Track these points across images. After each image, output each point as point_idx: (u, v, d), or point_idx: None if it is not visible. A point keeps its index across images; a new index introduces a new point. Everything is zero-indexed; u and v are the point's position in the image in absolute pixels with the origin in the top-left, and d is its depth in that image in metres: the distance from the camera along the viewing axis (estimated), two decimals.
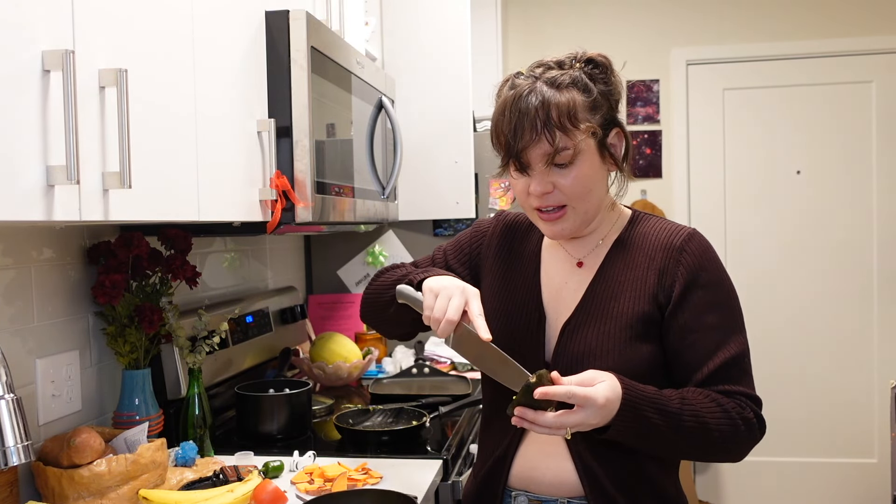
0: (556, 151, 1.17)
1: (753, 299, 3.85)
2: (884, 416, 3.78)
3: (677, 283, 1.23)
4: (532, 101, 1.18)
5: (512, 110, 1.19)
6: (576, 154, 1.19)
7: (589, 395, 1.09)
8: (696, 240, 1.27)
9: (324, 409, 2.10)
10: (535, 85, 1.20)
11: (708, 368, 1.20)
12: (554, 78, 1.20)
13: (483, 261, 1.43)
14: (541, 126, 1.17)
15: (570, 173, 1.20)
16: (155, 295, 1.67)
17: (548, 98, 1.18)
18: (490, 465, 1.34)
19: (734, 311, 1.25)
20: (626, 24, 3.96)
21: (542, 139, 1.17)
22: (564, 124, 1.17)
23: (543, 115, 1.17)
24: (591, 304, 1.27)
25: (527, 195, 1.24)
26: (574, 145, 1.18)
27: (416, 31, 2.80)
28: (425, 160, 2.79)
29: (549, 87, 1.19)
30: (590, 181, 1.22)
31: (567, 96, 1.18)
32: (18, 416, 1.04)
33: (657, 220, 1.32)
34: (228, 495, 1.39)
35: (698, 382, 1.21)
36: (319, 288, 2.96)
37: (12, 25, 0.92)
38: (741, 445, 1.21)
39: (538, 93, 1.18)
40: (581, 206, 1.23)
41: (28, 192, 0.94)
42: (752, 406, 1.22)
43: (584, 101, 1.20)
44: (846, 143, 3.85)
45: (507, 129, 1.20)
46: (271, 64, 1.66)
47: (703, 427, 1.16)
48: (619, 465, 1.24)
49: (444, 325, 1.19)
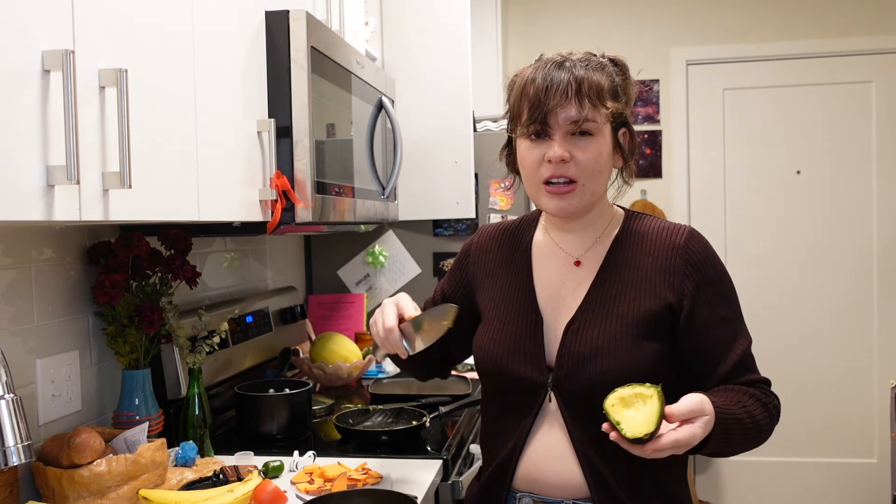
0: (583, 119, 1.21)
1: (753, 299, 3.85)
2: (884, 416, 3.78)
3: (688, 281, 1.26)
4: (565, 74, 1.23)
5: (545, 77, 1.23)
6: (597, 128, 1.23)
7: (694, 436, 1.10)
8: (697, 237, 1.30)
9: (324, 409, 2.10)
10: (565, 62, 1.24)
11: (731, 360, 1.26)
12: (585, 60, 1.25)
13: (473, 278, 1.44)
14: (572, 93, 1.21)
15: (588, 146, 1.23)
16: (155, 295, 1.67)
17: (580, 73, 1.23)
18: (494, 467, 1.33)
19: (738, 303, 1.31)
20: (625, 23, 3.96)
21: (572, 104, 1.21)
22: (593, 99, 1.22)
23: (576, 85, 1.21)
24: (595, 303, 1.27)
25: (539, 165, 1.25)
26: (598, 121, 1.23)
27: (416, 31, 2.80)
28: (425, 160, 2.79)
29: (580, 64, 1.24)
30: (602, 162, 1.25)
31: (598, 76, 1.24)
32: (18, 416, 1.04)
33: (652, 219, 1.35)
34: (228, 495, 1.39)
35: (723, 375, 1.25)
36: (319, 288, 2.96)
37: (12, 25, 0.92)
38: (772, 431, 1.30)
39: (571, 67, 1.24)
40: (589, 186, 1.25)
41: (28, 192, 0.94)
42: (773, 392, 1.31)
43: (610, 85, 1.25)
44: (846, 143, 3.85)
45: (537, 91, 1.23)
46: (271, 64, 1.66)
47: (755, 426, 1.23)
48: (626, 466, 1.24)
49: (385, 333, 1.27)
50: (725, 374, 1.25)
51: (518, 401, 1.30)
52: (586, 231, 1.33)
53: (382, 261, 2.91)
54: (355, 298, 2.87)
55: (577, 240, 1.34)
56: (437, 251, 2.91)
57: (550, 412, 1.28)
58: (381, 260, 2.90)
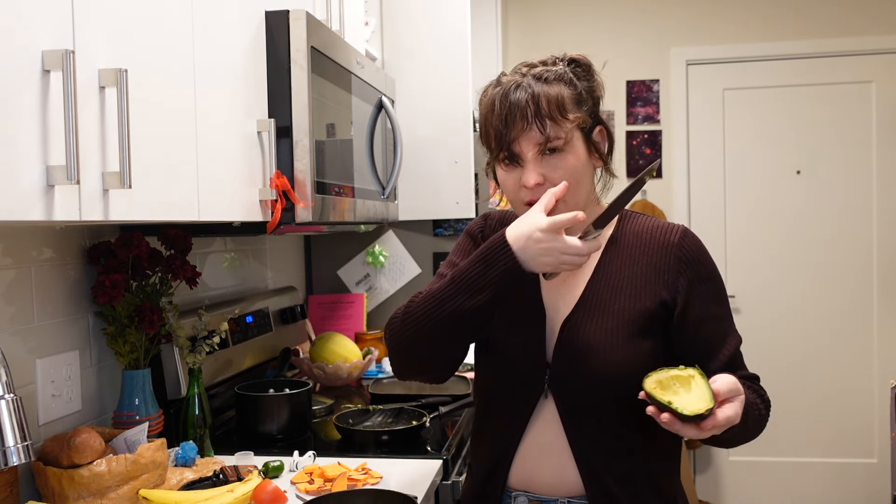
0: (547, 140, 1.20)
1: (753, 299, 3.86)
2: (884, 416, 3.78)
3: (682, 279, 1.27)
4: (522, 94, 1.21)
5: (502, 104, 1.22)
6: (566, 144, 1.22)
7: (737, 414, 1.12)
8: (690, 236, 1.31)
9: (324, 409, 2.10)
10: (522, 80, 1.23)
11: (724, 356, 1.28)
12: (540, 73, 1.24)
13: None
14: (531, 115, 1.20)
15: (559, 164, 1.23)
16: (155, 295, 1.67)
17: (537, 91, 1.21)
18: (489, 466, 1.33)
19: (728, 302, 1.33)
20: (625, 23, 3.96)
21: (534, 128, 1.20)
22: (554, 114, 1.21)
23: (534, 106, 1.20)
24: (591, 300, 1.28)
25: (518, 189, 1.26)
26: (564, 135, 1.22)
27: (416, 31, 2.80)
28: (425, 160, 2.79)
29: (536, 81, 1.23)
30: (578, 173, 1.25)
31: (555, 89, 1.22)
32: (18, 416, 1.04)
33: (646, 218, 1.36)
34: (228, 495, 1.39)
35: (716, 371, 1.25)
36: (319, 288, 2.96)
37: (12, 25, 0.92)
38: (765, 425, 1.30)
39: (526, 86, 1.22)
40: (571, 199, 1.25)
41: (28, 192, 0.94)
42: (763, 388, 1.32)
43: (571, 94, 1.24)
44: (846, 143, 3.85)
45: (497, 121, 1.23)
46: (271, 64, 1.66)
47: (760, 415, 1.26)
48: (621, 463, 1.25)
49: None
50: (718, 369, 1.25)
51: (514, 396, 1.30)
52: None
53: (382, 261, 2.91)
54: (355, 298, 2.87)
55: None
56: (437, 251, 2.91)
57: (546, 409, 1.28)
58: (381, 260, 2.91)
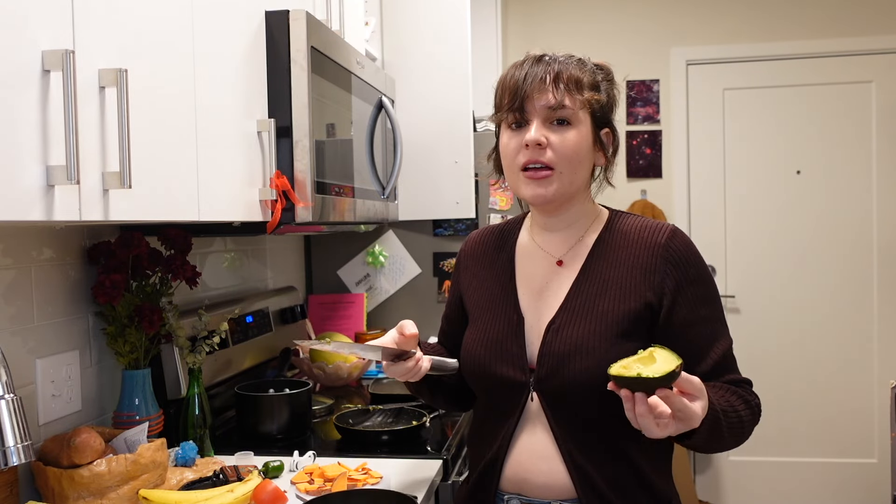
0: (558, 105, 1.24)
1: (753, 299, 3.86)
2: (884, 416, 3.78)
3: (668, 280, 1.26)
4: (544, 64, 1.28)
5: (525, 64, 1.29)
6: (573, 118, 1.26)
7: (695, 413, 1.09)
8: (679, 237, 1.29)
9: (324, 409, 2.10)
10: (546, 56, 1.30)
11: (711, 359, 1.26)
12: (567, 57, 1.31)
13: (464, 288, 1.46)
14: (550, 80, 1.25)
15: (565, 134, 1.26)
16: (155, 295, 1.67)
17: (559, 65, 1.28)
18: (481, 469, 1.33)
19: (719, 302, 1.32)
20: (626, 23, 3.96)
21: (549, 92, 1.25)
22: (570, 87, 1.26)
23: (554, 74, 1.26)
24: (576, 302, 1.28)
25: (517, 152, 1.28)
26: (574, 108, 1.25)
27: (416, 31, 2.80)
28: (425, 160, 2.79)
29: (561, 60, 1.29)
30: (580, 150, 1.27)
31: (577, 71, 1.28)
32: (18, 416, 1.04)
33: (636, 218, 1.35)
34: (228, 495, 1.39)
35: (703, 374, 1.24)
36: (319, 288, 2.96)
37: (12, 25, 0.92)
38: (752, 430, 1.29)
39: (551, 61, 1.29)
40: (567, 173, 1.26)
41: (28, 192, 0.94)
42: (754, 392, 1.30)
43: (590, 81, 1.29)
44: (846, 143, 3.85)
45: (517, 75, 1.28)
46: (271, 64, 1.66)
47: (740, 422, 1.23)
48: (612, 465, 1.24)
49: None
50: (705, 373, 1.24)
51: (502, 401, 1.31)
52: (568, 231, 1.34)
53: (382, 261, 2.91)
54: (355, 298, 2.87)
55: (559, 240, 1.35)
56: (437, 251, 2.91)
57: (534, 412, 1.28)
58: (381, 260, 2.90)
